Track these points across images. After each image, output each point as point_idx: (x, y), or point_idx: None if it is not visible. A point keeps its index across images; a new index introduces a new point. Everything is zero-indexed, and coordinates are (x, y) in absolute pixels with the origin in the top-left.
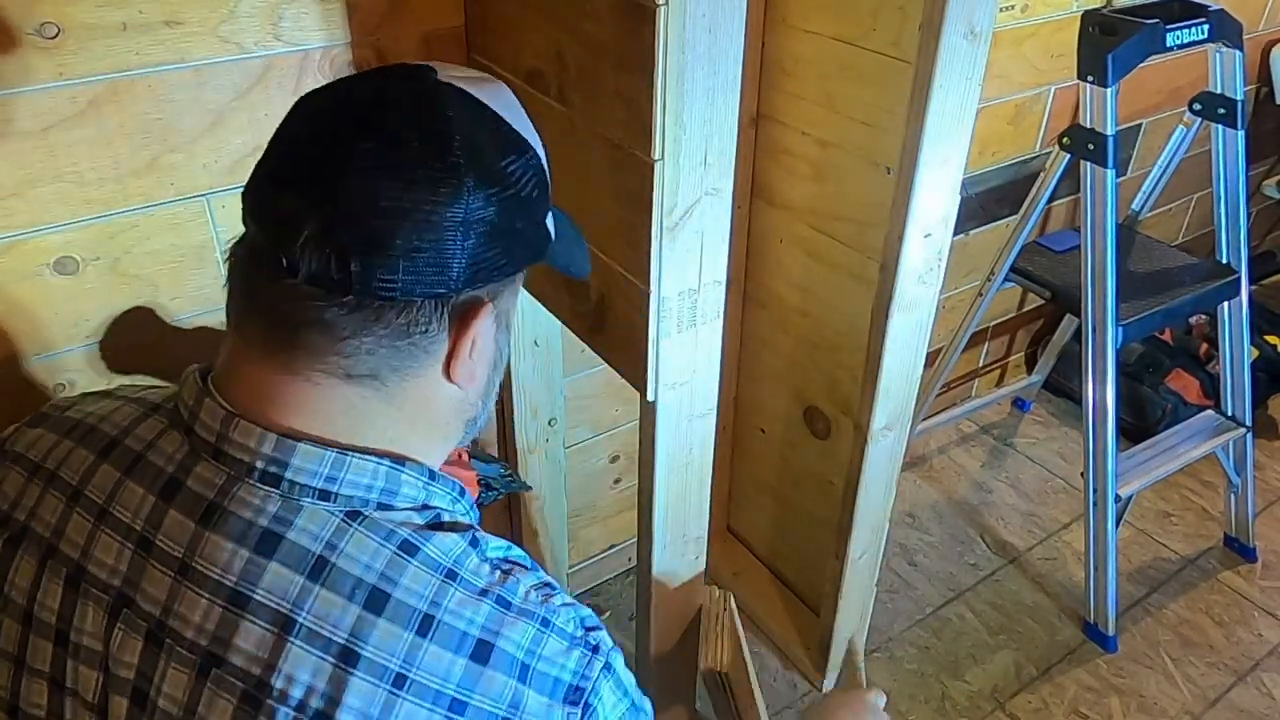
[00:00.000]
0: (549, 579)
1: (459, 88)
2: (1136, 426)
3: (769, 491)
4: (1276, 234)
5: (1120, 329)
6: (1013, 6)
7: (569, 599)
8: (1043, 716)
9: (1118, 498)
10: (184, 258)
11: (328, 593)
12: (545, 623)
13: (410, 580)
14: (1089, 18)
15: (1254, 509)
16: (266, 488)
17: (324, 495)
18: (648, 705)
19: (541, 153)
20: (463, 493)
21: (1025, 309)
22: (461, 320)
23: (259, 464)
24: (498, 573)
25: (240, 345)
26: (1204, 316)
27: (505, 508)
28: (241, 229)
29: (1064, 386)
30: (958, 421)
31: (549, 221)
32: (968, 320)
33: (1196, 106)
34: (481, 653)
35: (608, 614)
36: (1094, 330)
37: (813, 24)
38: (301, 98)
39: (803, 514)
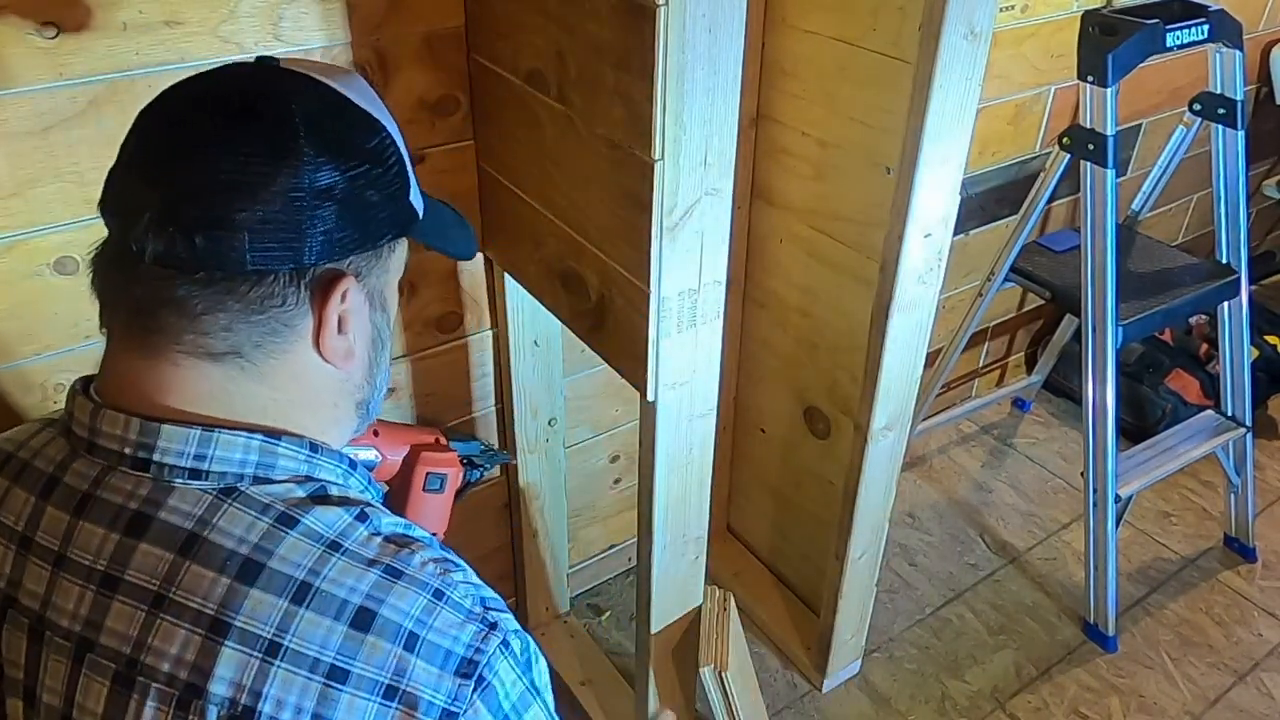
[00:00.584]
0: (455, 558)
1: (301, 73)
2: (1136, 426)
3: (769, 491)
4: (1276, 234)
5: (1120, 329)
6: (1013, 6)
7: (475, 579)
8: (1043, 716)
9: (1118, 498)
10: None
11: (198, 567)
12: (438, 594)
13: (287, 550)
14: (1089, 18)
15: (1254, 509)
16: (137, 473)
17: (194, 474)
18: (549, 699)
19: (396, 134)
20: (354, 465)
21: (1025, 309)
22: (322, 294)
23: (127, 450)
24: (391, 545)
25: (110, 344)
26: (1204, 316)
27: (505, 507)
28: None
29: (1064, 386)
30: (958, 421)
31: (415, 199)
32: (968, 320)
33: (1196, 106)
34: (362, 620)
35: (608, 614)
36: (1094, 330)
37: (813, 24)
38: (145, 106)
39: (803, 514)
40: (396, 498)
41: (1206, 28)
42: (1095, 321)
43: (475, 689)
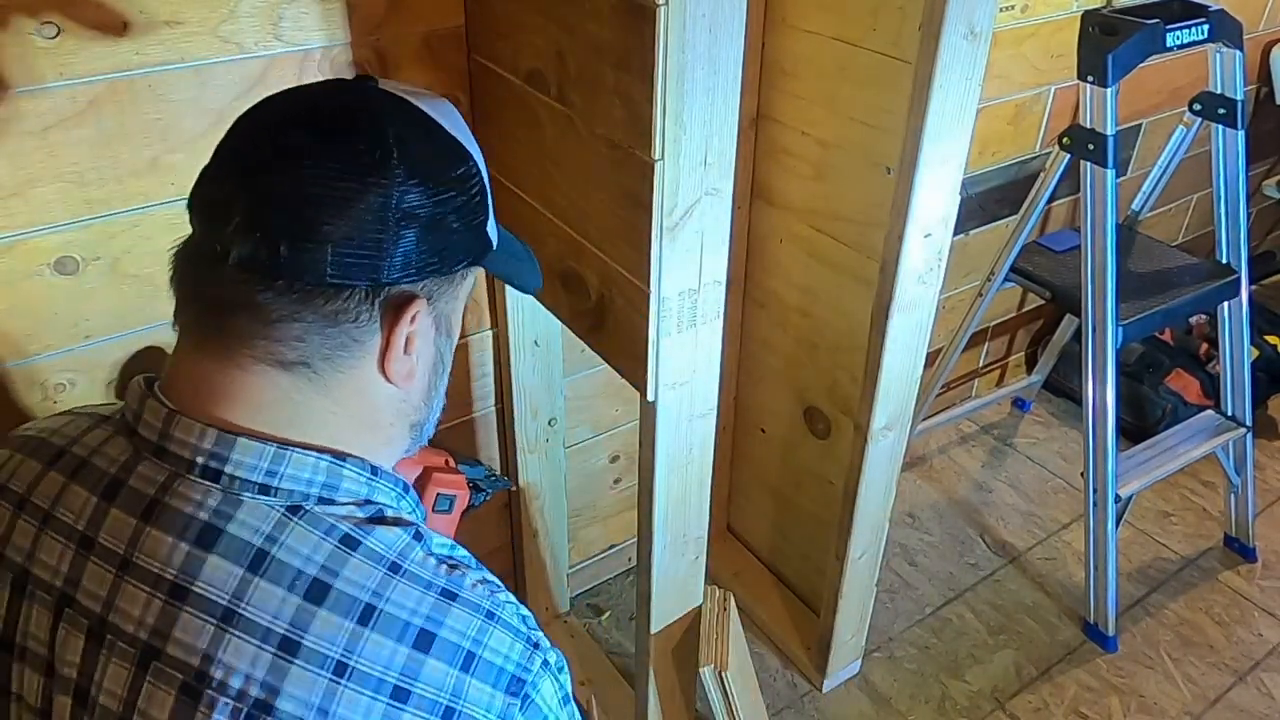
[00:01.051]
0: (493, 577)
1: (397, 94)
2: (1136, 426)
3: (769, 491)
4: (1276, 234)
5: (1120, 329)
6: (1013, 6)
7: (514, 598)
8: (1043, 716)
9: (1118, 498)
10: None
11: (267, 584)
12: (491, 615)
13: (352, 572)
14: (1089, 18)
15: (1254, 509)
16: (207, 482)
17: (264, 489)
18: (578, 714)
19: (481, 164)
20: (407, 489)
21: (1025, 309)
22: (394, 314)
23: (199, 459)
24: (444, 566)
25: (181, 342)
26: (1204, 316)
27: (505, 506)
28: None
29: (1064, 386)
30: (958, 421)
31: (490, 230)
32: (968, 320)
33: (1196, 106)
34: (424, 642)
35: (608, 614)
36: (1094, 330)
37: (813, 24)
38: (243, 112)
39: (803, 514)
40: None
41: (1206, 28)
42: (1095, 321)
43: (522, 706)
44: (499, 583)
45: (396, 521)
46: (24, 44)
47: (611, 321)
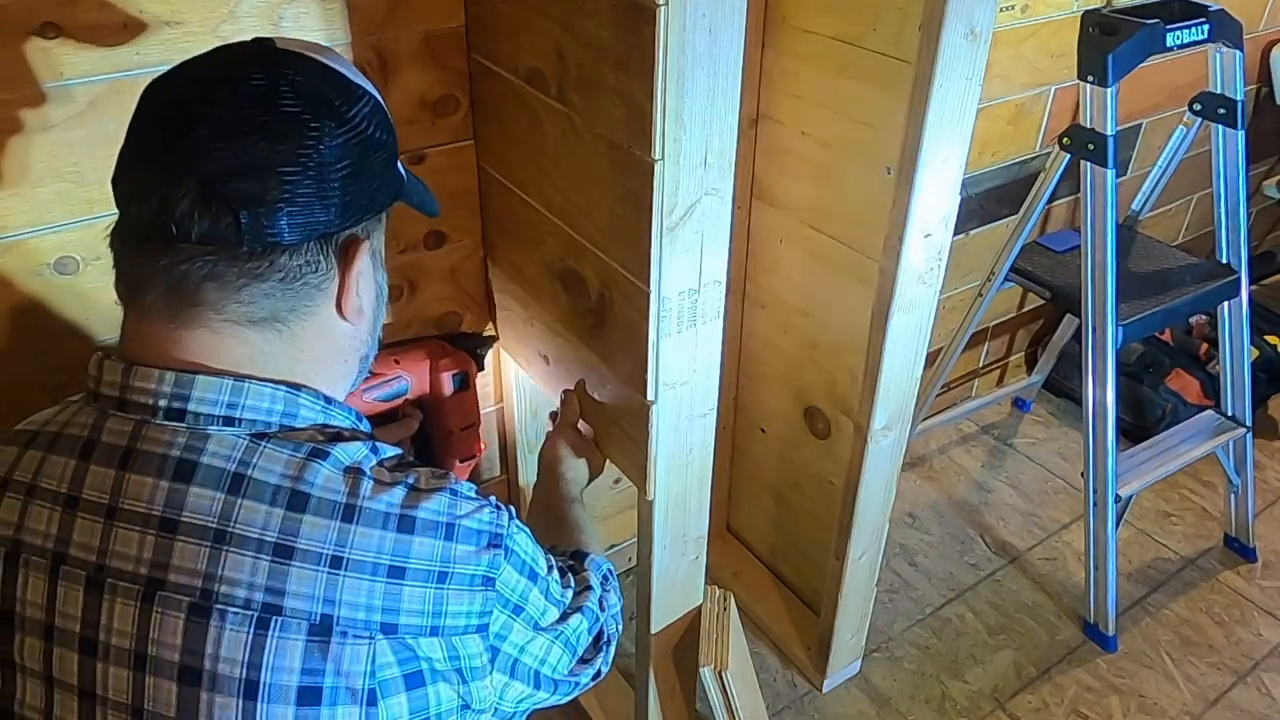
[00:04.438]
0: (442, 469)
1: (294, 51)
2: (1136, 426)
3: (769, 491)
4: (1276, 234)
5: (1120, 329)
6: (1013, 6)
7: (455, 476)
8: (1043, 716)
9: (1118, 498)
10: None
11: (250, 502)
12: (453, 492)
13: (325, 480)
14: (1089, 18)
15: (1254, 509)
16: (173, 423)
17: (228, 421)
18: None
19: (380, 97)
20: (360, 418)
21: (1025, 309)
22: (345, 257)
23: (161, 403)
24: (398, 469)
25: (138, 314)
26: (1204, 316)
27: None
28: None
29: (1064, 386)
30: (958, 421)
31: (399, 164)
32: (968, 320)
33: (1196, 106)
34: (406, 524)
35: None
36: (1094, 330)
37: (813, 24)
38: (148, 85)
39: (803, 514)
40: (435, 409)
41: (1206, 28)
42: (1095, 321)
43: (506, 555)
44: (442, 470)
45: (354, 436)
46: (24, 44)
47: (611, 321)
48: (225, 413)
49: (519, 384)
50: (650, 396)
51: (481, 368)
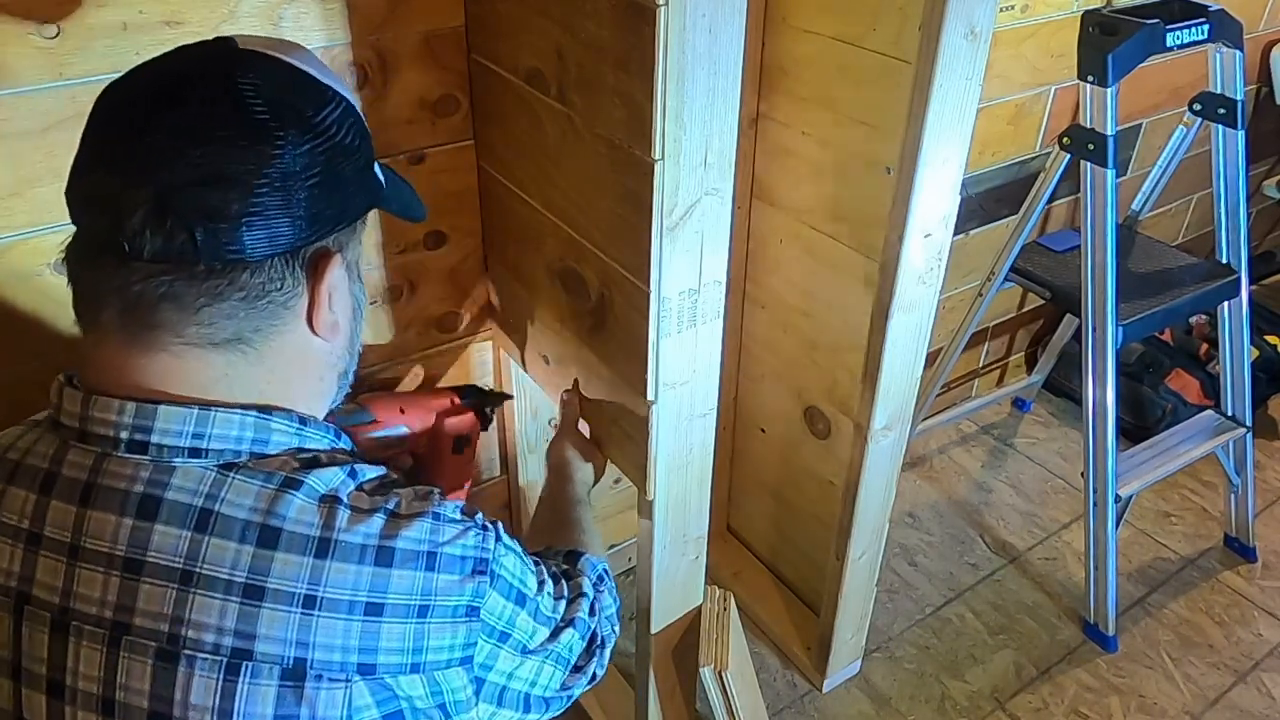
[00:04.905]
0: (426, 487)
1: (259, 52)
2: (1136, 426)
3: (769, 491)
4: (1276, 234)
5: (1120, 329)
6: (1013, 6)
7: (439, 494)
8: (1043, 716)
9: (1118, 498)
10: None
11: (218, 540)
12: (436, 516)
13: (298, 513)
14: (1089, 18)
15: (1254, 509)
16: (135, 456)
17: (194, 452)
18: (522, 548)
19: (353, 100)
20: (338, 434)
21: (1025, 309)
22: (314, 272)
23: (123, 434)
24: (377, 495)
25: (95, 336)
26: (1204, 316)
27: (505, 507)
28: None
29: (1064, 386)
30: (958, 421)
31: (377, 169)
32: (968, 320)
33: (1196, 106)
34: (384, 557)
35: None
36: (1094, 330)
37: (813, 24)
38: (105, 88)
39: (803, 514)
40: (428, 462)
41: (1206, 28)
42: (1095, 321)
43: (490, 582)
44: (431, 489)
45: (332, 460)
46: (24, 44)
47: (611, 321)
48: (191, 444)
49: (519, 384)
50: (650, 396)
51: (485, 428)
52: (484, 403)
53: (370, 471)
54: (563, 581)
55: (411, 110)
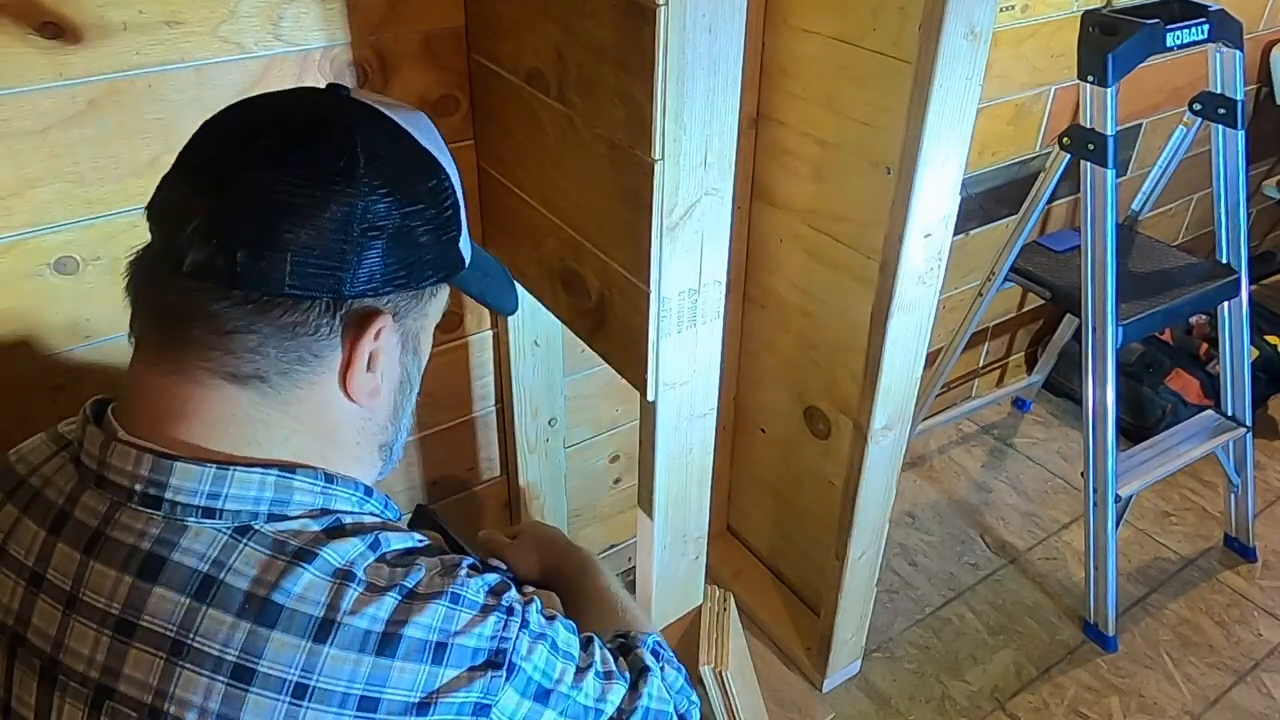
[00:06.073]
0: (455, 557)
1: (369, 104)
2: (1136, 426)
3: (769, 491)
4: (1276, 234)
5: (1120, 329)
6: (1013, 6)
7: (471, 569)
8: (1043, 716)
9: (1118, 498)
10: None
11: (216, 611)
12: (455, 598)
13: (304, 589)
14: (1089, 18)
15: (1254, 509)
16: (148, 510)
17: (208, 513)
18: (565, 631)
19: (455, 179)
20: (369, 492)
21: (1025, 309)
22: (357, 329)
23: (137, 486)
24: (399, 566)
25: (136, 356)
26: (1204, 316)
27: (505, 507)
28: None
29: (1064, 386)
30: (958, 421)
31: (463, 246)
32: (968, 320)
33: (1196, 106)
34: (387, 646)
35: None
36: (1094, 330)
37: (813, 24)
38: (209, 118)
39: (803, 514)
40: None
41: (1206, 28)
42: (1095, 321)
43: (507, 678)
44: (459, 560)
45: (356, 530)
46: (24, 44)
47: (611, 321)
48: (205, 503)
49: (519, 384)
50: (650, 396)
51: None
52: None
53: (396, 541)
54: (620, 659)
55: None
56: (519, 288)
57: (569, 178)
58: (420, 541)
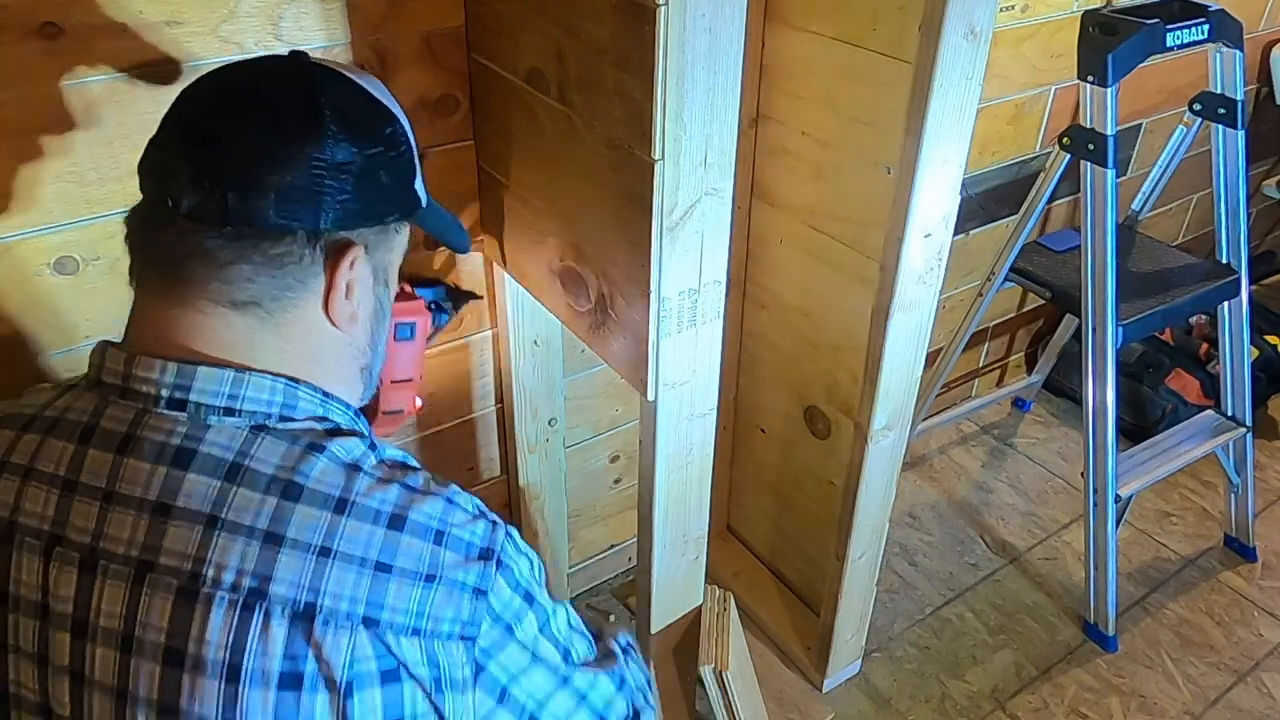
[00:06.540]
0: (445, 480)
1: (329, 66)
2: (1136, 426)
3: (769, 491)
4: (1276, 234)
5: (1120, 329)
6: (1013, 6)
7: (458, 487)
8: (1043, 716)
9: (1118, 498)
10: None
11: (245, 490)
12: (450, 500)
13: (320, 474)
14: (1089, 18)
15: (1254, 509)
16: (174, 413)
17: (229, 412)
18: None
19: (408, 127)
20: (358, 415)
21: (1025, 309)
22: (334, 258)
23: (164, 392)
24: (398, 469)
25: (139, 299)
26: (1204, 316)
27: (505, 506)
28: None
29: (1064, 386)
30: (958, 421)
31: (419, 189)
32: (968, 320)
33: (1196, 106)
34: (396, 523)
35: (612, 616)
36: (1094, 330)
37: (813, 24)
38: (187, 85)
39: (803, 514)
40: None
41: (1206, 28)
42: (1095, 321)
43: (497, 569)
44: (444, 480)
45: (352, 433)
46: (24, 44)
47: (611, 321)
48: (226, 404)
49: (519, 384)
50: (650, 396)
51: (439, 324)
52: (440, 300)
53: (390, 451)
54: (589, 635)
55: (411, 110)
56: (519, 287)
57: (569, 178)
58: (412, 460)
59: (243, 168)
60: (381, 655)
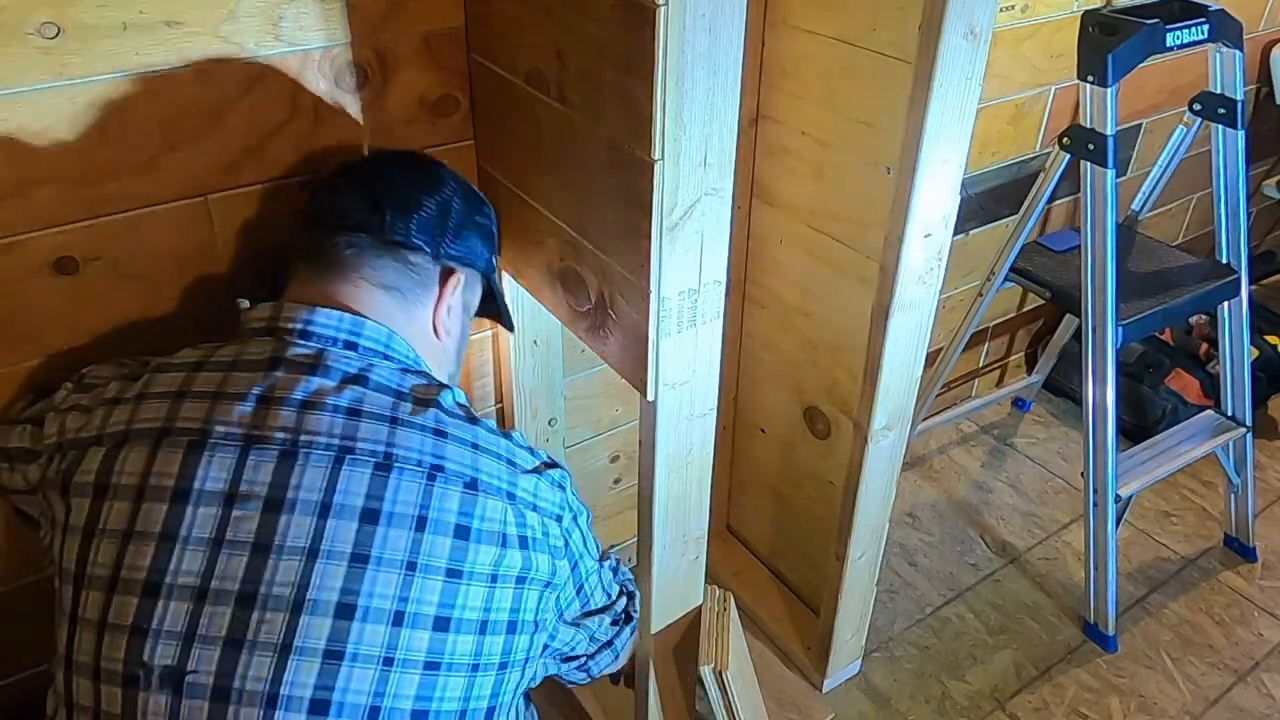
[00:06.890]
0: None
1: (441, 163)
2: (1136, 426)
3: (769, 491)
4: (1276, 234)
5: (1120, 329)
6: (1013, 6)
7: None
8: (1043, 716)
9: (1118, 498)
10: (184, 258)
11: (408, 404)
12: (508, 435)
13: (450, 405)
14: (1089, 18)
15: (1254, 509)
16: (348, 352)
17: (386, 356)
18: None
19: (494, 221)
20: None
21: (1025, 309)
22: (444, 279)
23: (341, 335)
24: (464, 409)
25: (305, 275)
26: (1204, 316)
27: None
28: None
29: (1064, 386)
30: (958, 421)
31: (495, 261)
32: (968, 320)
33: (1196, 106)
34: (472, 431)
35: None
36: (1094, 330)
37: (813, 24)
38: (349, 161)
39: (803, 514)
40: None
41: (1206, 28)
42: (1095, 321)
43: (524, 471)
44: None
45: (429, 377)
46: (24, 44)
47: (611, 322)
48: (385, 350)
49: (519, 384)
50: (650, 396)
51: None
52: None
53: (459, 393)
54: (622, 569)
55: (411, 110)
56: (518, 287)
57: (569, 178)
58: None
59: (396, 199)
60: (476, 514)
